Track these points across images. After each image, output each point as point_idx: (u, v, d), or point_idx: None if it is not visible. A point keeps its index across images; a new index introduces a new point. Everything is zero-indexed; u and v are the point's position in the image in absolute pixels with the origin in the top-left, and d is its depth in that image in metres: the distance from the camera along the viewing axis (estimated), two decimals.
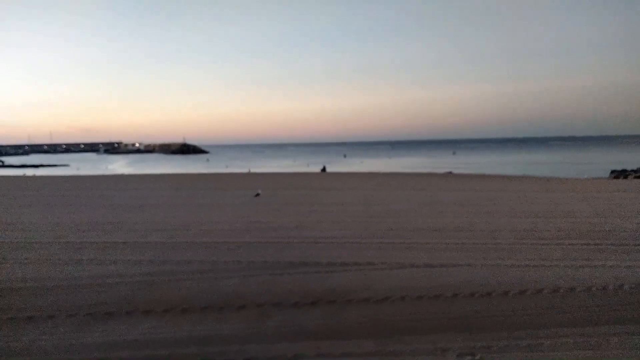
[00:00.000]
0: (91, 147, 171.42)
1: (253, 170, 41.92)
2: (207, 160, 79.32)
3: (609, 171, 33.17)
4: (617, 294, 5.33)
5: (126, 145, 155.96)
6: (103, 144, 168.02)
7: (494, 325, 4.51)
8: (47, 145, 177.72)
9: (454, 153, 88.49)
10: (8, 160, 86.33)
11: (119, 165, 66.18)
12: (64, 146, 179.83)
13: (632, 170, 31.83)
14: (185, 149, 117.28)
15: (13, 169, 56.97)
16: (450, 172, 33.80)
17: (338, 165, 52.01)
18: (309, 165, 53.27)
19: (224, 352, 4.04)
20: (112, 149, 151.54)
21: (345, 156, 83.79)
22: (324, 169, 40.37)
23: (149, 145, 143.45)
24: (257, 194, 16.07)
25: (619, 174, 30.66)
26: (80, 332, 4.50)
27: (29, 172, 46.31)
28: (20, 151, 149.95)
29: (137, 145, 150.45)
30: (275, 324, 4.63)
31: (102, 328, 4.59)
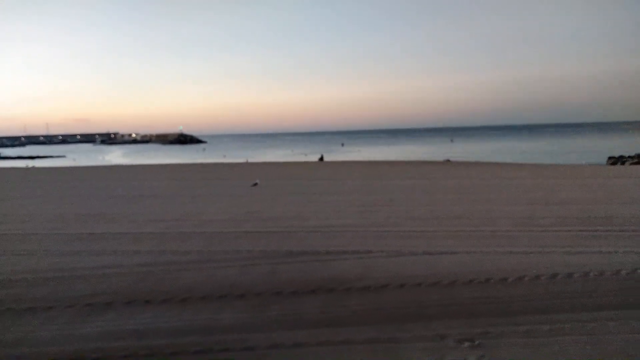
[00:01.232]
0: (87, 138, 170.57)
1: (250, 160, 41.83)
2: (204, 149, 79.14)
3: (606, 157, 33.23)
4: (614, 279, 5.35)
5: (122, 135, 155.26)
6: (99, 134, 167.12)
7: (493, 312, 4.53)
8: (43, 136, 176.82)
9: (452, 141, 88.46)
10: (4, 152, 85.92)
11: (115, 156, 65.95)
12: (60, 137, 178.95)
13: (629, 157, 31.89)
14: (182, 139, 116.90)
15: (10, 161, 56.69)
16: (448, 160, 33.82)
17: (336, 155, 51.95)
18: (307, 154, 53.16)
19: (224, 341, 4.05)
20: (109, 139, 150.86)
21: (343, 145, 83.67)
22: (321, 158, 40.33)
23: (145, 136, 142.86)
24: (255, 184, 16.04)
25: (616, 160, 30.73)
26: (79, 323, 4.50)
27: (26, 163, 46.10)
28: (17, 143, 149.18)
29: (133, 135, 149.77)
30: (274, 313, 4.64)
31: (101, 318, 4.60)
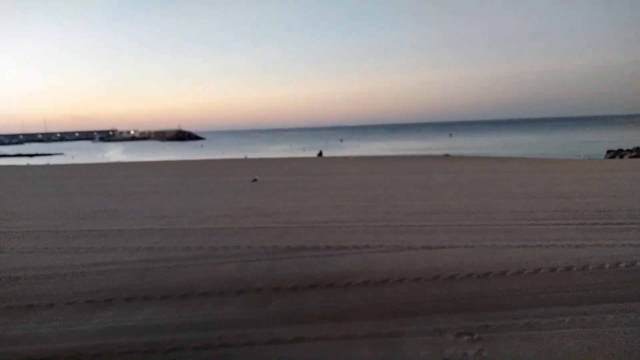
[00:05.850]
0: (86, 135, 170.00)
1: (249, 156, 41.77)
2: (202, 146, 78.97)
3: (605, 151, 33.20)
4: (613, 272, 5.37)
5: (121, 132, 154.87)
6: (98, 131, 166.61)
7: (492, 305, 4.55)
8: (41, 134, 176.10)
9: (450, 135, 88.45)
10: (2, 149, 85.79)
11: (114, 153, 65.82)
12: (59, 135, 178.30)
13: (628, 150, 31.86)
14: (181, 136, 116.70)
15: (8, 159, 56.56)
16: (447, 155, 33.82)
17: (335, 150, 51.87)
18: (306, 150, 53.09)
19: (224, 336, 4.06)
20: (107, 136, 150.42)
21: (341, 140, 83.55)
22: (320, 154, 40.31)
23: (144, 133, 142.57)
24: (254, 180, 16.04)
25: (615, 154, 30.71)
26: (80, 319, 4.51)
27: (23, 161, 46.01)
28: (15, 140, 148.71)
29: (132, 132, 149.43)
30: (274, 308, 4.65)
31: (102, 315, 4.61)
